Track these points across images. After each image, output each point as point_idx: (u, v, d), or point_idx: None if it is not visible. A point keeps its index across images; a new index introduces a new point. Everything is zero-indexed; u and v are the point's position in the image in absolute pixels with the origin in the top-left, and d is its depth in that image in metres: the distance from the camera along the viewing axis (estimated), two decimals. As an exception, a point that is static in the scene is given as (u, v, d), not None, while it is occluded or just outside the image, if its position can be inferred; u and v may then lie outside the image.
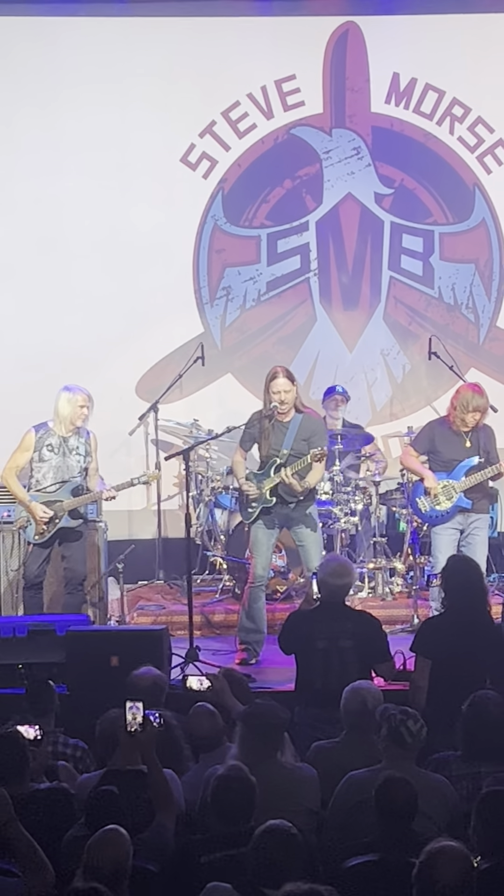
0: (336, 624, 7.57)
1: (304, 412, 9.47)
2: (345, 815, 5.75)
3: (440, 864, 4.56)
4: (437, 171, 12.16)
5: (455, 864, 4.56)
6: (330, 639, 7.52)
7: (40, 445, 9.50)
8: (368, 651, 7.55)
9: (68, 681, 8.06)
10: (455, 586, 7.56)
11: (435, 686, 7.28)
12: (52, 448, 9.50)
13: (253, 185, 12.16)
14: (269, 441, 9.40)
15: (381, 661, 7.62)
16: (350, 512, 10.79)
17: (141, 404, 11.72)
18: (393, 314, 12.24)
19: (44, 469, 9.51)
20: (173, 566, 11.33)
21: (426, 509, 9.52)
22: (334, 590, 7.71)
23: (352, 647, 7.49)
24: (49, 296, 12.01)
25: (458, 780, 6.02)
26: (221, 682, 6.89)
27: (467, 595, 7.51)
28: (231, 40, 12.02)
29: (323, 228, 12.19)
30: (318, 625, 7.60)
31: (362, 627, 7.61)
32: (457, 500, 9.41)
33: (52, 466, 9.50)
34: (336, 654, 7.48)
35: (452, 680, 7.11)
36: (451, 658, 7.24)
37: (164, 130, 12.06)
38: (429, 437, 9.62)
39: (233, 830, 5.16)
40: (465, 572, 7.66)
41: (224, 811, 5.30)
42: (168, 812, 5.53)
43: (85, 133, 11.95)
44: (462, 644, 7.26)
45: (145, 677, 6.91)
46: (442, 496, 9.44)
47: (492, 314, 12.25)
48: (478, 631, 7.39)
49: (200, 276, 12.18)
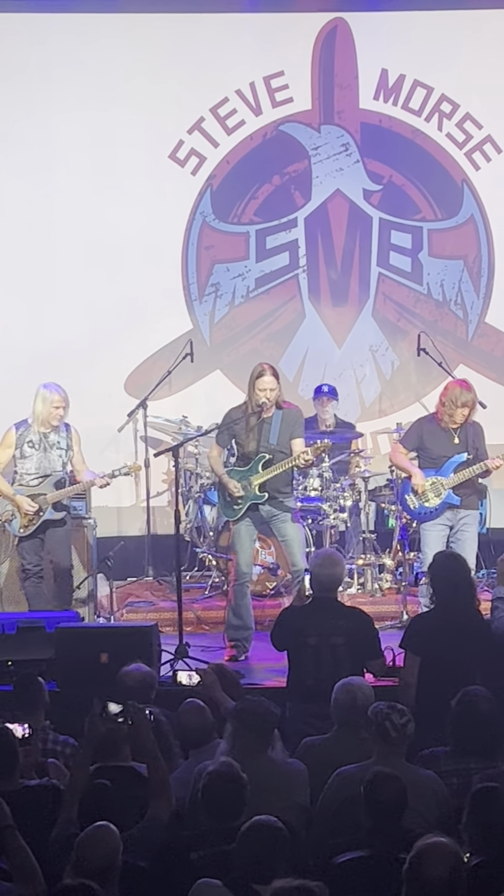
0: (328, 620, 7.57)
1: (283, 407, 9.50)
2: (334, 810, 5.75)
3: (430, 860, 4.56)
4: (426, 167, 12.17)
5: (445, 860, 4.56)
6: (322, 635, 7.51)
7: (21, 442, 9.65)
8: (360, 648, 7.55)
9: (58, 677, 8.06)
10: (442, 583, 7.57)
11: (424, 682, 7.28)
12: (32, 444, 9.63)
13: (241, 182, 12.16)
14: (255, 437, 9.40)
15: (372, 658, 7.61)
16: (339, 508, 10.80)
17: (130, 401, 11.72)
18: (382, 310, 12.24)
19: (26, 465, 9.65)
20: (163, 563, 11.33)
21: (415, 506, 9.53)
22: (324, 581, 7.69)
23: (344, 643, 7.49)
24: (38, 293, 12.00)
25: (448, 775, 6.02)
26: (211, 678, 6.90)
27: (455, 591, 7.51)
28: (219, 36, 12.02)
29: (311, 225, 12.20)
30: (309, 621, 7.60)
31: (354, 624, 7.61)
32: (445, 497, 9.42)
33: (34, 462, 9.63)
34: (328, 651, 7.48)
35: (442, 676, 7.11)
36: (441, 654, 7.24)
37: (153, 127, 12.06)
38: (417, 434, 9.64)
39: (223, 826, 5.16)
40: (452, 568, 7.66)
41: (215, 807, 5.30)
42: (163, 805, 5.52)
43: (73, 130, 11.94)
44: (451, 640, 7.26)
45: (135, 674, 6.92)
46: (430, 493, 9.45)
47: (480, 310, 12.26)
48: (466, 627, 7.39)
49: (189, 272, 12.17)
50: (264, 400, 9.34)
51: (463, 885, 4.58)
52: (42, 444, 9.63)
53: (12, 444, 9.66)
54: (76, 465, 9.73)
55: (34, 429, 9.64)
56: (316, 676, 7.38)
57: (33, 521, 9.58)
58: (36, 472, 9.62)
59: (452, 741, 6.20)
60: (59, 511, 9.65)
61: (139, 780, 5.72)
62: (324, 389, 11.50)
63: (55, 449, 9.64)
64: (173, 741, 6.49)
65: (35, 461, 9.62)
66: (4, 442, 9.71)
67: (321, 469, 10.81)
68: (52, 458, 9.64)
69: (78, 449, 9.75)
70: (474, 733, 6.13)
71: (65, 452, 9.67)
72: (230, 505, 9.49)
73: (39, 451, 9.63)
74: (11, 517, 9.62)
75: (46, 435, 9.64)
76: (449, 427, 9.50)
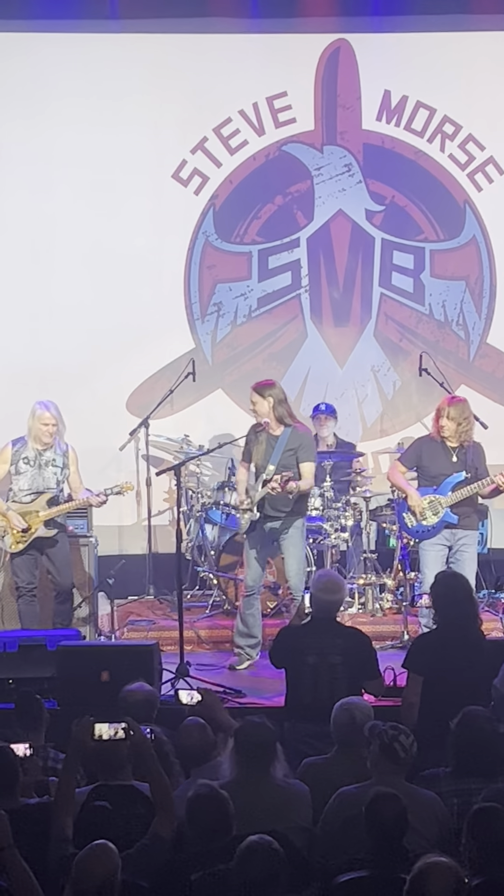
0: (326, 640, 7.58)
1: (292, 425, 9.52)
2: (335, 830, 5.74)
3: (431, 880, 4.56)
4: (428, 188, 12.20)
5: (446, 880, 4.56)
6: (320, 654, 7.52)
7: (16, 459, 9.74)
8: (358, 668, 7.55)
9: (59, 696, 8.06)
10: (444, 603, 7.57)
11: (426, 702, 7.28)
12: (27, 461, 9.72)
13: (244, 202, 12.19)
14: (260, 454, 9.48)
15: (370, 678, 7.62)
16: (340, 528, 10.80)
17: (132, 420, 11.72)
18: (384, 331, 12.26)
19: (20, 481, 9.72)
20: (164, 581, 11.32)
21: (412, 524, 9.54)
22: (325, 605, 7.73)
23: (341, 662, 7.50)
24: (39, 311, 12.03)
25: (448, 796, 6.01)
26: (213, 697, 6.90)
27: (457, 611, 7.51)
28: (223, 57, 12.06)
29: (314, 245, 12.22)
30: (308, 640, 7.61)
31: (352, 644, 7.62)
32: (443, 516, 9.42)
33: (28, 479, 9.70)
34: (326, 670, 7.48)
35: (444, 696, 7.10)
36: (443, 674, 7.24)
37: (156, 147, 12.09)
38: (416, 453, 9.65)
39: (214, 847, 5.15)
40: (454, 588, 7.66)
41: (202, 830, 5.29)
42: (166, 822, 5.51)
43: (76, 149, 11.98)
44: (453, 660, 7.26)
45: (137, 693, 6.92)
46: (428, 511, 9.45)
47: (482, 331, 12.28)
48: (469, 647, 7.38)
49: (192, 292, 12.20)
50: (258, 418, 9.47)
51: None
52: (37, 461, 9.72)
53: (7, 459, 9.76)
54: (72, 485, 9.79)
55: (30, 445, 9.72)
56: (314, 695, 7.39)
57: (24, 538, 9.63)
58: (29, 488, 9.69)
59: (453, 761, 6.19)
60: (49, 528, 9.70)
61: (140, 799, 5.71)
62: (321, 408, 11.53)
63: (50, 466, 9.72)
64: (174, 760, 6.49)
65: (29, 478, 9.69)
66: (1, 458, 9.80)
67: (322, 489, 10.82)
68: (47, 475, 9.71)
69: (75, 469, 9.81)
70: (475, 753, 6.12)
71: (60, 471, 9.74)
72: (241, 518, 9.68)
73: (34, 468, 9.71)
74: (3, 533, 9.66)
75: (41, 452, 9.73)
76: (447, 446, 9.51)
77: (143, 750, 5.71)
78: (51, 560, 9.76)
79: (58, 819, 5.47)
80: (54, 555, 9.76)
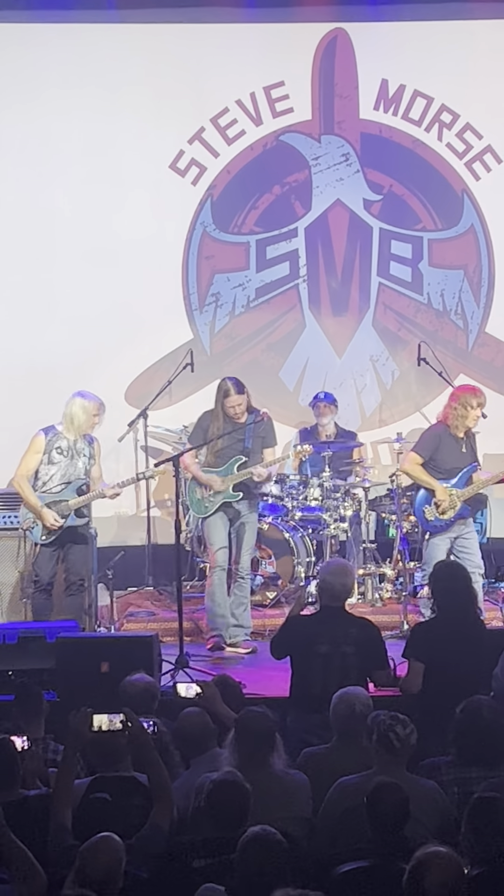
0: (339, 629, 7.55)
1: (255, 412, 9.78)
2: (336, 821, 5.74)
3: (430, 870, 4.55)
4: (426, 177, 12.19)
5: (445, 869, 4.55)
6: (333, 643, 7.48)
7: (50, 448, 9.56)
8: (369, 658, 7.54)
9: (58, 687, 8.04)
10: (444, 591, 7.58)
11: (427, 691, 7.28)
12: (61, 451, 9.57)
13: (242, 192, 12.17)
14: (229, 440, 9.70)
15: (379, 668, 7.61)
16: (339, 518, 10.80)
17: (130, 411, 11.71)
18: (382, 320, 12.25)
19: (52, 471, 9.57)
20: (163, 572, 11.32)
21: (432, 518, 9.52)
22: (336, 590, 7.69)
23: (353, 652, 7.48)
24: (37, 303, 12.01)
25: (449, 784, 6.02)
26: (212, 690, 6.89)
27: (456, 599, 7.52)
28: (220, 47, 12.03)
29: (312, 235, 12.21)
30: (321, 629, 7.57)
31: (365, 633, 7.61)
32: (460, 509, 9.44)
33: (61, 469, 9.57)
34: (338, 659, 7.45)
35: (445, 684, 7.10)
36: (443, 662, 7.24)
37: (153, 137, 12.06)
38: (434, 443, 9.60)
39: (227, 835, 5.15)
40: (453, 577, 7.68)
41: (219, 816, 5.30)
42: (165, 812, 5.51)
43: (73, 140, 11.96)
44: (454, 648, 7.26)
45: (137, 684, 6.92)
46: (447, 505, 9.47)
47: (480, 320, 12.27)
48: (468, 635, 7.38)
49: (189, 282, 12.18)
50: (232, 416, 9.68)
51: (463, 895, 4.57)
52: (71, 451, 9.57)
53: (41, 449, 9.55)
54: (94, 476, 9.69)
55: (65, 435, 9.58)
56: (323, 686, 7.30)
57: (57, 528, 9.54)
58: (60, 479, 9.54)
59: (455, 750, 6.19)
60: (80, 518, 9.61)
61: (140, 790, 5.71)
62: (321, 396, 11.54)
63: (81, 457, 9.61)
64: (173, 751, 6.49)
65: (62, 468, 9.54)
66: (33, 447, 9.59)
67: (321, 479, 10.82)
68: (78, 465, 9.58)
69: (98, 460, 9.75)
70: (477, 742, 6.12)
71: (88, 461, 9.64)
72: (202, 502, 9.77)
73: (67, 457, 9.56)
74: (33, 524, 9.56)
75: (75, 442, 9.60)
76: (457, 436, 9.50)
77: (142, 740, 5.71)
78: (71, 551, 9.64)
79: (57, 810, 5.46)
80: (75, 546, 9.65)
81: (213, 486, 9.69)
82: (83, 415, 9.58)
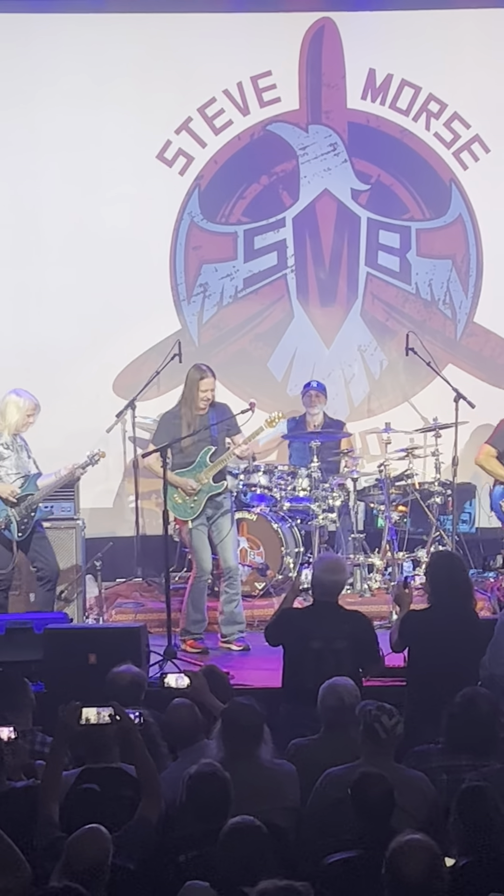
0: (332, 625, 7.53)
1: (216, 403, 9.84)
2: (323, 811, 5.74)
3: (406, 858, 4.55)
4: (414, 166, 12.17)
5: (421, 858, 4.54)
6: (326, 639, 7.46)
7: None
8: (362, 651, 7.52)
9: (46, 679, 8.03)
10: (440, 581, 7.53)
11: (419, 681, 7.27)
12: (7, 446, 9.58)
13: (229, 182, 12.14)
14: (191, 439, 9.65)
15: (372, 662, 7.60)
16: (328, 508, 10.79)
17: (118, 401, 11.68)
18: (370, 310, 12.24)
19: (6, 466, 9.56)
20: (152, 563, 11.30)
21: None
22: (328, 586, 7.69)
23: (346, 647, 7.46)
24: (25, 293, 11.99)
25: (438, 771, 6.01)
26: (200, 680, 6.88)
27: (452, 590, 7.48)
28: (207, 36, 12.00)
29: (300, 225, 12.19)
30: (313, 625, 7.55)
31: (358, 628, 7.59)
32: None
33: (13, 464, 9.57)
34: (330, 655, 7.42)
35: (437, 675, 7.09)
36: (437, 653, 7.22)
37: (140, 127, 12.03)
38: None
39: (210, 827, 5.14)
40: (450, 567, 7.63)
41: (200, 809, 5.30)
42: (153, 806, 5.50)
43: (60, 130, 11.92)
44: (447, 639, 7.24)
45: (125, 675, 6.90)
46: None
47: (469, 310, 12.26)
48: (461, 626, 7.36)
49: (177, 273, 12.16)
50: (204, 400, 9.64)
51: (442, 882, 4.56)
52: (14, 445, 9.59)
53: None
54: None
55: (5, 434, 9.58)
56: (316, 680, 7.28)
57: (28, 524, 9.53)
58: (17, 472, 9.55)
59: (446, 737, 6.18)
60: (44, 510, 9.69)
61: (128, 782, 5.71)
62: (312, 384, 11.54)
63: (23, 451, 9.63)
64: (161, 742, 6.48)
65: (13, 462, 9.55)
66: None
67: (310, 469, 10.81)
68: (23, 458, 9.61)
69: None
70: (470, 731, 6.10)
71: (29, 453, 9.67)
72: (185, 505, 9.67)
73: (13, 451, 9.57)
74: (8, 522, 9.55)
75: (15, 437, 9.60)
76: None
77: (130, 735, 5.70)
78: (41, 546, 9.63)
79: (44, 804, 5.45)
80: (38, 544, 9.64)
81: (189, 487, 9.60)
82: (17, 413, 9.58)
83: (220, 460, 9.64)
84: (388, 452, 11.06)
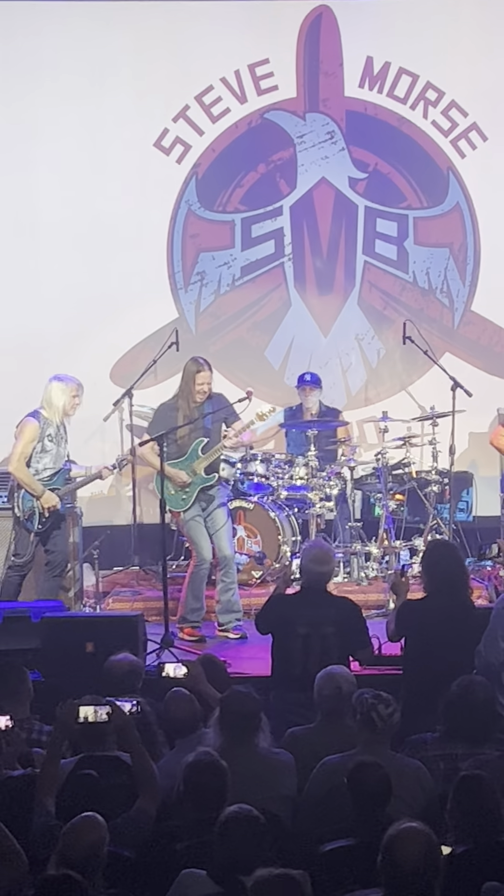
0: (319, 610, 7.56)
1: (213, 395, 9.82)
2: (320, 800, 5.75)
3: (402, 846, 4.56)
4: (411, 155, 12.15)
5: (417, 845, 4.54)
6: (312, 625, 7.49)
7: (42, 435, 9.47)
8: (349, 638, 7.54)
9: (43, 667, 8.04)
10: (437, 571, 7.53)
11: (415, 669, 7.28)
12: (51, 438, 9.50)
13: (227, 170, 12.12)
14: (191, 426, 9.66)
15: (360, 647, 7.61)
16: (325, 497, 10.80)
17: (115, 390, 11.67)
18: (367, 299, 12.23)
19: (45, 459, 9.51)
20: (149, 552, 11.30)
21: None
22: (316, 576, 7.71)
23: (333, 633, 7.48)
24: (22, 282, 11.96)
25: (435, 760, 6.02)
26: (197, 669, 6.89)
27: (449, 579, 7.48)
28: (204, 24, 11.96)
29: (297, 213, 12.17)
30: (300, 610, 7.58)
31: (344, 614, 7.61)
32: None
33: (52, 456, 9.52)
34: (318, 641, 7.46)
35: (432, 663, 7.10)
36: (431, 641, 7.23)
37: (138, 115, 12.01)
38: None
39: (207, 816, 5.15)
40: (446, 557, 7.63)
41: (197, 797, 5.30)
42: (149, 798, 5.51)
43: (57, 118, 11.90)
44: (442, 628, 7.24)
45: (122, 663, 6.91)
46: None
47: (466, 298, 12.25)
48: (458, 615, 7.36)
49: (174, 261, 12.14)
50: (200, 393, 9.64)
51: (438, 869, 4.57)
52: (58, 436, 9.52)
53: (35, 436, 9.44)
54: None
55: (52, 421, 9.50)
56: (304, 666, 7.34)
57: (50, 517, 9.52)
58: (53, 467, 9.50)
59: (443, 725, 6.19)
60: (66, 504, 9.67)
61: (124, 769, 5.72)
62: (306, 378, 11.52)
63: (64, 442, 9.59)
64: (158, 731, 6.49)
65: (53, 455, 9.49)
66: (28, 435, 9.45)
67: (307, 458, 10.81)
68: (62, 451, 9.57)
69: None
70: (467, 719, 6.11)
71: (67, 444, 9.64)
72: (177, 496, 9.67)
73: (56, 444, 9.50)
74: (31, 513, 9.52)
75: (59, 428, 9.53)
76: None
77: (127, 732, 5.71)
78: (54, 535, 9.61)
79: (41, 797, 5.46)
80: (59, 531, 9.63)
81: (180, 479, 9.60)
82: (63, 397, 9.51)
83: (212, 451, 9.65)
84: (385, 441, 11.06)
